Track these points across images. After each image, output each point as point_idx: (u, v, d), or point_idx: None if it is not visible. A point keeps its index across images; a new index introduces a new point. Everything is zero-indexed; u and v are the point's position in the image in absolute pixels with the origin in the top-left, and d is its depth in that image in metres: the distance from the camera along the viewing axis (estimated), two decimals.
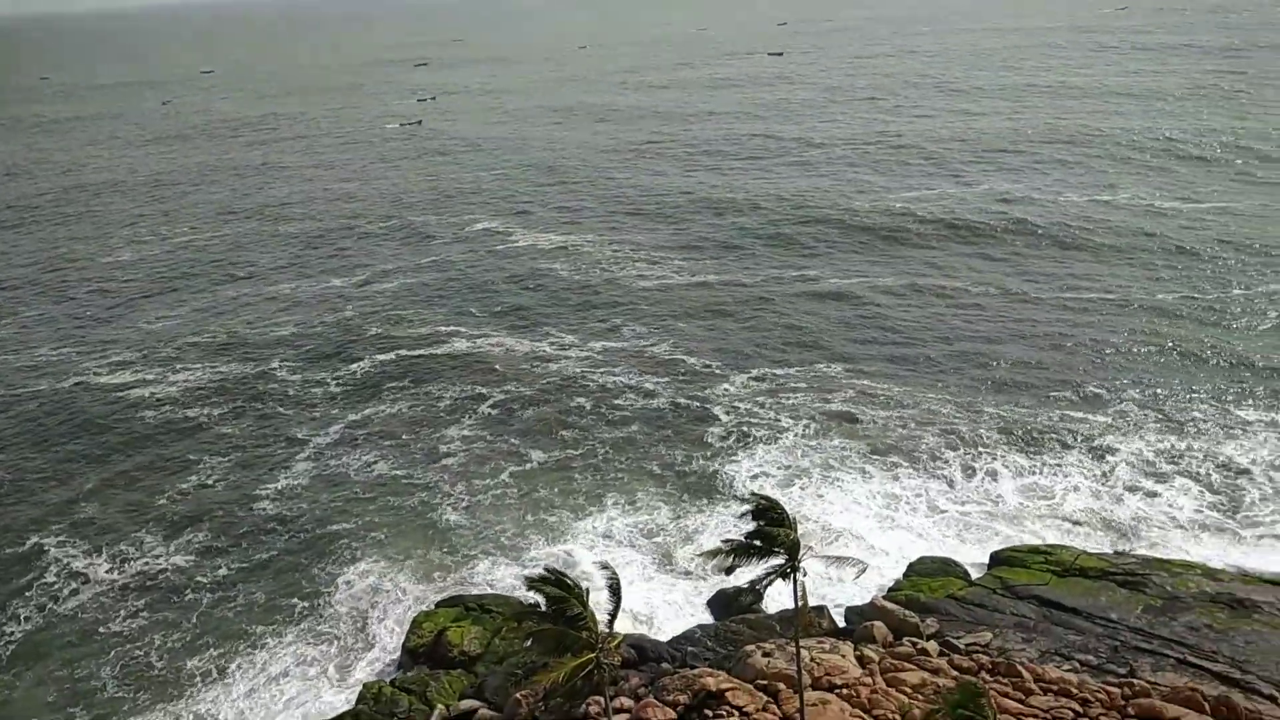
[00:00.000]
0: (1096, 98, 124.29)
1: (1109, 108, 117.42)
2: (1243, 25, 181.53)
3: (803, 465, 47.07)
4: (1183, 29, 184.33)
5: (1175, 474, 43.54)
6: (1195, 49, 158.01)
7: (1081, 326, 59.06)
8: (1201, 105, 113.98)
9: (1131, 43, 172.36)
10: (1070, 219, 77.77)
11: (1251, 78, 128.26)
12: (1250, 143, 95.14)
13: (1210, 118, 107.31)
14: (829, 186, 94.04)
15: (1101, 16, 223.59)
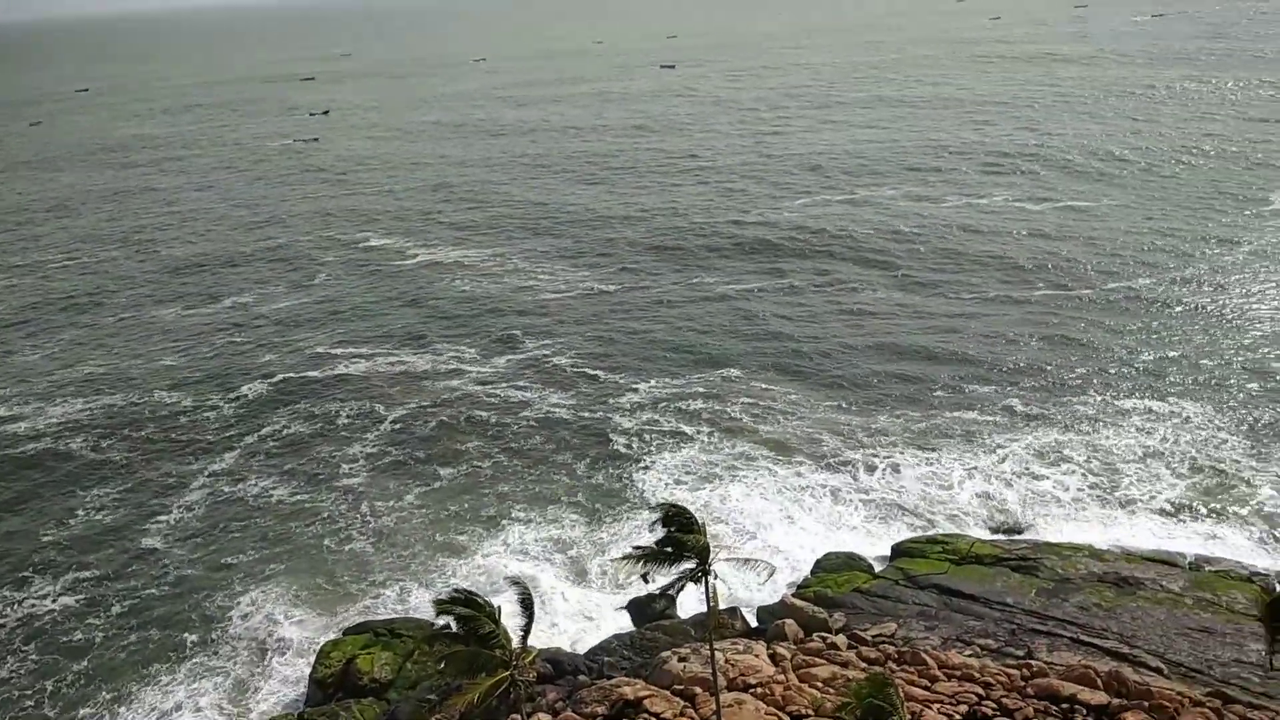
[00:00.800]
0: (971, 108, 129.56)
1: (981, 118, 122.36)
2: (1097, 36, 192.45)
3: (709, 470, 47.69)
4: (1047, 40, 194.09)
5: (1060, 462, 45.74)
6: (1057, 59, 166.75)
7: (966, 327, 61.46)
8: (1063, 113, 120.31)
9: (1001, 53, 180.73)
10: (948, 225, 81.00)
11: (1104, 85, 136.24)
12: (1108, 147, 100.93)
13: (1070, 125, 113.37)
14: (718, 198, 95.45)
15: (979, 28, 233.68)
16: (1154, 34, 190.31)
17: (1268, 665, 31.19)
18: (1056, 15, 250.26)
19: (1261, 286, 63.21)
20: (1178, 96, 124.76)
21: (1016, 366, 55.50)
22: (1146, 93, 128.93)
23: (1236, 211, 78.29)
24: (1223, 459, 44.88)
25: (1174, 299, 62.38)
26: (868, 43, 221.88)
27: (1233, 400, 49.88)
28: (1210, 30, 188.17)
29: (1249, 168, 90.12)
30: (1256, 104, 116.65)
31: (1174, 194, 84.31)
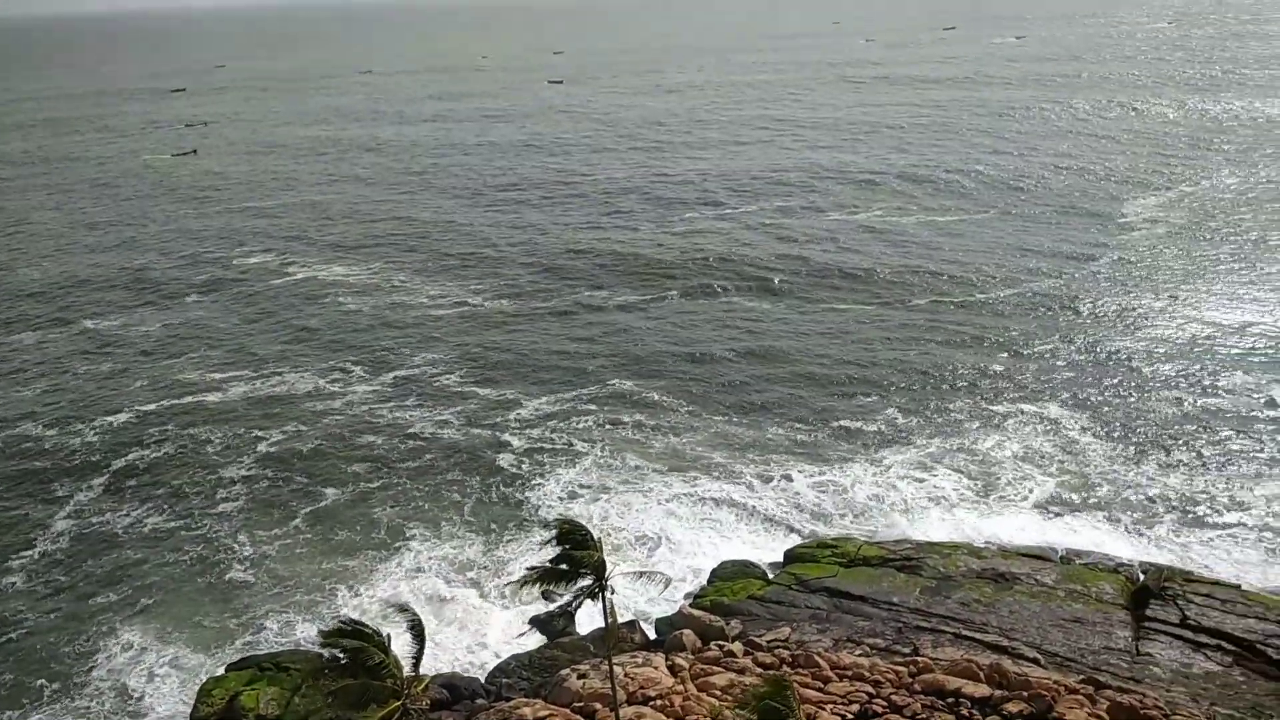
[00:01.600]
0: (846, 128, 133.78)
1: (855, 138, 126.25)
2: (964, 58, 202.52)
3: (602, 484, 47.69)
4: (917, 61, 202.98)
5: (940, 467, 47.60)
6: (927, 81, 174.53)
7: (845, 340, 63.36)
8: (932, 133, 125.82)
9: (874, 74, 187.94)
10: (825, 242, 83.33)
11: (970, 105, 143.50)
12: (973, 165, 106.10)
13: (938, 145, 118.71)
14: (603, 217, 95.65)
15: (855, 49, 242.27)
16: (1015, 56, 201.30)
17: (1134, 651, 33.16)
18: (926, 37, 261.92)
19: (1116, 295, 67.41)
20: (1035, 116, 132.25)
21: (895, 377, 57.48)
22: (1007, 113, 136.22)
23: (1092, 225, 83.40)
24: (1087, 458, 47.58)
25: (1037, 308, 65.85)
26: (750, 63, 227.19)
27: (1093, 402, 52.97)
28: (1065, 53, 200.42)
29: (1099, 183, 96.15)
30: (1105, 123, 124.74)
31: (1034, 209, 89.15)
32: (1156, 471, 46.13)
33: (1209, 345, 58.61)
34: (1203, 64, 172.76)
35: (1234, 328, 60.67)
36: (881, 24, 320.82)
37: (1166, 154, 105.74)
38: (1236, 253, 74.11)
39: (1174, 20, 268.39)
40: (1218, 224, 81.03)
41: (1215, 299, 65.50)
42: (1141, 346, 59.11)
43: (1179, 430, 49.66)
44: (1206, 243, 76.90)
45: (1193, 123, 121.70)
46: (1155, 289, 67.91)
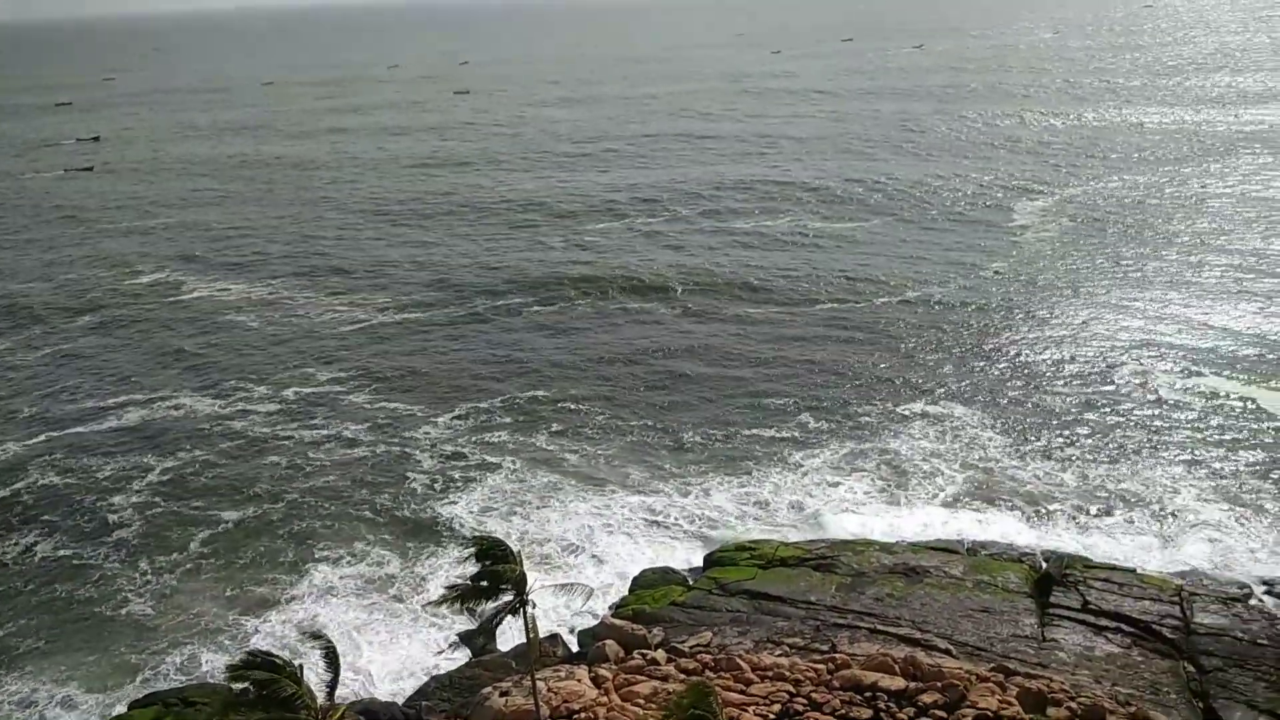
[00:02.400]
0: (749, 140, 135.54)
1: (757, 151, 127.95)
2: (862, 71, 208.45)
3: (519, 499, 47.28)
4: (818, 74, 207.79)
5: (852, 467, 48.70)
6: (825, 93, 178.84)
7: (753, 349, 64.13)
8: (832, 145, 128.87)
9: (777, 87, 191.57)
10: (730, 253, 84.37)
11: (867, 118, 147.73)
12: (871, 175, 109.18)
13: (838, 156, 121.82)
14: (511, 231, 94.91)
15: (761, 61, 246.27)
16: (910, 69, 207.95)
17: (1040, 637, 34.46)
18: (827, 49, 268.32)
19: (1010, 297, 70.14)
20: (930, 127, 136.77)
21: (804, 382, 58.52)
22: (904, 123, 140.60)
23: (985, 230, 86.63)
24: (990, 454, 49.30)
25: (937, 312, 68.01)
26: (657, 75, 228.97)
27: (993, 401, 54.96)
28: (958, 65, 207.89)
29: (991, 190, 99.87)
30: (995, 132, 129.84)
31: (931, 216, 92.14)
32: (1055, 464, 48.08)
33: (1098, 342, 61.44)
34: (1082, 74, 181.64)
35: (1120, 324, 63.77)
36: (784, 36, 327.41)
37: (1051, 161, 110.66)
38: (1119, 252, 77.97)
39: (1056, 32, 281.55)
40: (1101, 226, 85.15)
41: (1101, 297, 68.73)
42: (1035, 345, 61.60)
43: (1074, 425, 51.88)
44: (1091, 244, 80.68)
45: (1074, 131, 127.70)
46: (1046, 290, 70.91)
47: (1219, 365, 57.13)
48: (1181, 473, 46.57)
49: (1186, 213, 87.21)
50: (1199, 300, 66.84)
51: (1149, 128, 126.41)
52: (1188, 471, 46.64)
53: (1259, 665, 32.01)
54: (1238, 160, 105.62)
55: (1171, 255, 76.40)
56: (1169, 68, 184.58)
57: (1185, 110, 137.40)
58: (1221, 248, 77.31)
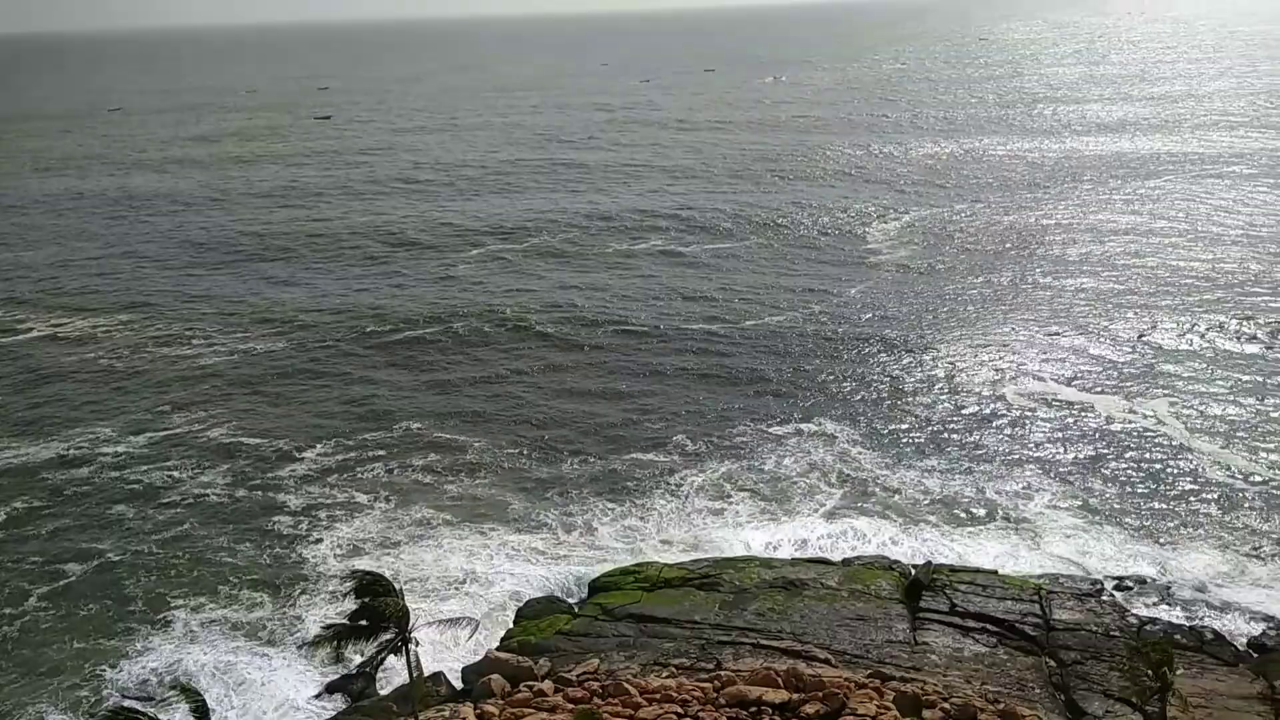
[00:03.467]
0: (616, 170, 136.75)
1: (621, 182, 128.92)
2: (727, 101, 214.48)
3: (392, 536, 45.93)
4: (688, 105, 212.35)
5: (731, 488, 49.63)
6: (694, 125, 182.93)
7: (629, 375, 64.71)
8: (692, 177, 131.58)
9: (643, 118, 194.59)
10: (599, 280, 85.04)
11: (730, 147, 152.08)
12: (736, 204, 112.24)
13: (703, 186, 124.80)
14: (370, 265, 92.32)
15: (629, 90, 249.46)
16: (767, 99, 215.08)
17: (912, 641, 35.84)
18: (690, 80, 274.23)
19: (868, 315, 73.28)
20: (785, 157, 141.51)
21: (679, 408, 59.34)
22: (761, 153, 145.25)
23: (844, 253, 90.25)
24: (862, 467, 51.20)
25: (804, 334, 70.22)
26: (523, 103, 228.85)
27: (863, 416, 57.15)
28: (811, 96, 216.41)
29: (847, 215, 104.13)
30: (845, 161, 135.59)
31: (793, 242, 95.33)
32: (922, 474, 50.33)
33: (953, 357, 64.79)
34: (925, 105, 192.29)
35: (972, 339, 67.47)
36: (650, 66, 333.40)
37: (898, 187, 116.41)
38: (967, 272, 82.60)
39: (904, 63, 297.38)
40: (947, 247, 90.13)
41: (954, 315, 72.61)
42: (896, 362, 64.46)
43: (937, 436, 54.49)
44: (941, 264, 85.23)
45: (918, 159, 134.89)
46: (903, 309, 74.43)
47: (1062, 376, 61.13)
48: (1035, 478, 49.52)
49: (1026, 234, 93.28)
50: (1043, 315, 71.45)
51: (988, 156, 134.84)
52: (1040, 477, 49.62)
53: (1112, 656, 34.19)
54: (1068, 185, 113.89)
55: (1014, 273, 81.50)
56: (1003, 99, 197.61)
57: (1019, 139, 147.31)
58: (1060, 266, 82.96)
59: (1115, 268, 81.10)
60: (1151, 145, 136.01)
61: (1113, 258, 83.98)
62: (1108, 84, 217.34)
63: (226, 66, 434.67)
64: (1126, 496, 47.39)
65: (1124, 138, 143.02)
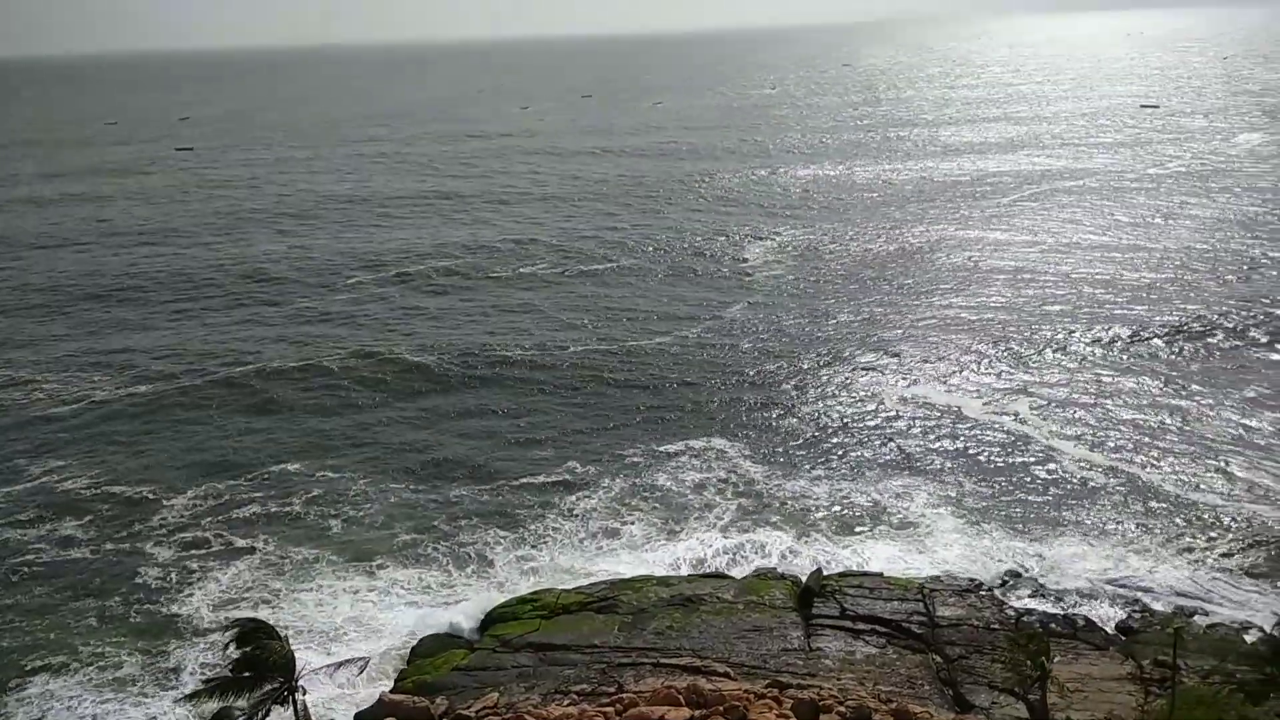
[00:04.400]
0: (494, 198, 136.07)
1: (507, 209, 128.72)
2: (603, 128, 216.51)
3: (273, 583, 43.82)
4: (566, 131, 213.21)
5: (625, 508, 49.63)
6: (573, 152, 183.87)
7: (515, 397, 64.28)
8: (571, 204, 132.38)
9: (519, 146, 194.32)
10: (479, 315, 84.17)
11: (600, 177, 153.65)
12: (612, 233, 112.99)
13: (581, 214, 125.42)
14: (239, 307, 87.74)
15: (511, 117, 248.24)
16: (645, 126, 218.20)
17: (807, 648, 36.54)
18: (568, 106, 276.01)
19: (751, 332, 74.91)
20: (662, 181, 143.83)
21: (567, 430, 59.14)
22: (638, 178, 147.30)
23: (721, 274, 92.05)
24: (753, 479, 52.09)
25: (688, 352, 71.28)
26: (397, 131, 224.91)
27: (751, 430, 58.19)
28: (689, 123, 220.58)
29: (723, 237, 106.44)
30: (720, 184, 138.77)
31: (671, 265, 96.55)
32: (810, 483, 51.54)
33: (833, 368, 66.83)
34: (795, 130, 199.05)
35: (849, 350, 69.76)
36: (527, 92, 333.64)
37: (774, 210, 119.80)
38: (841, 286, 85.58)
39: (773, 90, 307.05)
40: (821, 263, 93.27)
41: (830, 327, 74.99)
42: (779, 375, 66.02)
43: (822, 445, 55.95)
44: (815, 279, 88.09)
45: (790, 181, 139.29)
46: (782, 323, 76.46)
47: (934, 382, 63.81)
48: (915, 481, 51.34)
49: (892, 251, 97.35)
50: (912, 326, 74.51)
51: (854, 178, 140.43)
52: (920, 479, 51.48)
53: (994, 648, 35.65)
54: (928, 204, 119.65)
55: (883, 288, 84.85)
56: (869, 123, 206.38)
57: (882, 161, 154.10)
58: (925, 280, 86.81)
59: (976, 281, 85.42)
60: (1002, 164, 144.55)
61: (974, 271, 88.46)
62: (961, 106, 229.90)
63: (87, 98, 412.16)
64: (998, 494, 49.69)
65: (977, 158, 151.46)
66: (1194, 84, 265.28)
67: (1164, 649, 34.44)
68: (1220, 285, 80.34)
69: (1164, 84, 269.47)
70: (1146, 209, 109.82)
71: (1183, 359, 65.02)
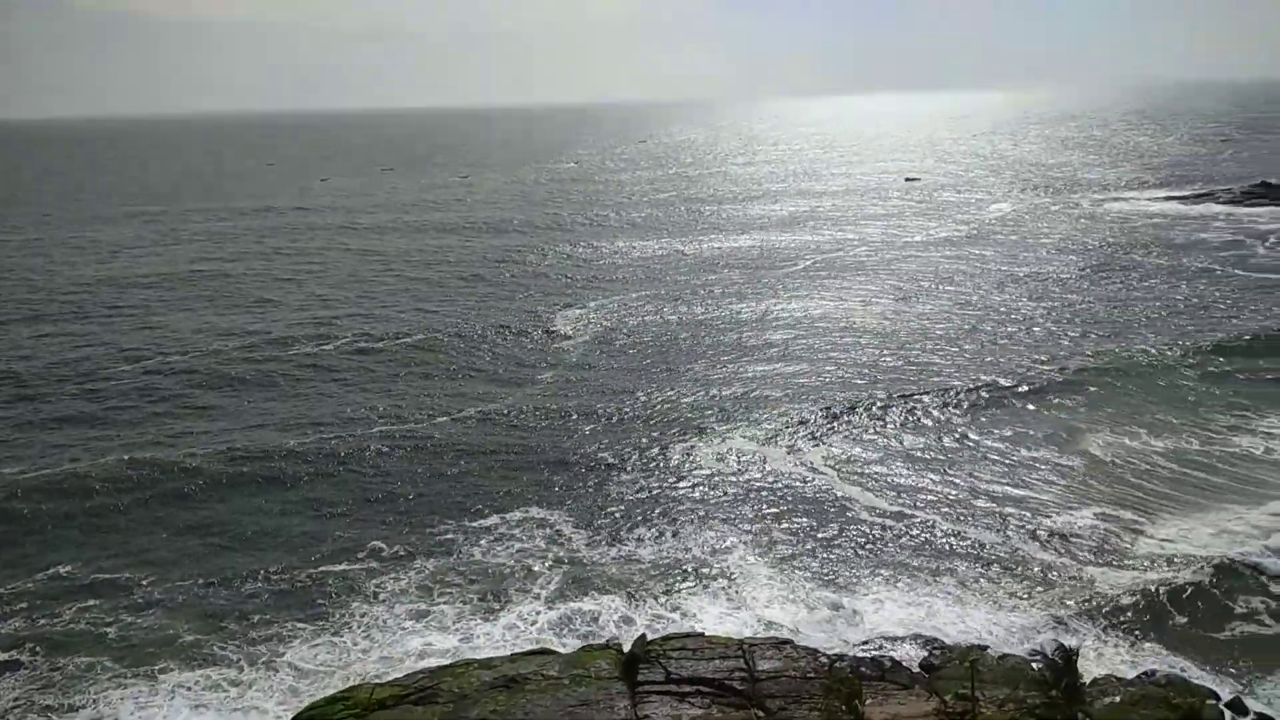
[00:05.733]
0: (280, 280, 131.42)
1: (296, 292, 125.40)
2: (412, 203, 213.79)
3: (41, 698, 38.92)
4: (365, 206, 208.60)
5: (440, 587, 47.60)
6: (375, 228, 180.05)
7: (308, 482, 60.80)
8: (368, 285, 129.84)
9: (314, 223, 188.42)
10: (265, 396, 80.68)
11: (405, 251, 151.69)
12: (410, 313, 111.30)
13: (381, 293, 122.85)
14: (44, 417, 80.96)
15: (299, 190, 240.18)
16: (451, 201, 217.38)
17: (634, 718, 36.12)
18: (373, 181, 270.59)
19: (561, 398, 75.04)
20: (470, 255, 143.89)
21: (368, 511, 56.37)
22: (442, 255, 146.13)
23: (530, 344, 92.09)
24: (575, 547, 51.47)
25: (498, 423, 70.21)
26: (178, 211, 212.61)
27: (568, 497, 57.72)
28: (492, 197, 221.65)
29: (528, 307, 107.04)
30: (531, 260, 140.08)
31: (479, 337, 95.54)
32: (633, 547, 51.44)
33: (633, 429, 67.75)
34: (600, 206, 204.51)
35: (656, 410, 71.14)
36: (321, 165, 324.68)
37: (580, 282, 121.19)
38: (649, 353, 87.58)
39: (576, 163, 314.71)
40: (629, 333, 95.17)
41: (637, 390, 76.25)
42: (591, 440, 66.22)
43: (640, 507, 56.14)
44: (623, 349, 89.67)
45: (597, 255, 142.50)
46: (592, 390, 77.13)
47: (742, 439, 65.93)
48: (731, 536, 52.33)
49: (698, 317, 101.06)
50: (720, 386, 77.09)
51: (657, 250, 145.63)
52: (735, 534, 52.57)
53: (810, 697, 36.60)
54: (729, 272, 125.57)
55: (690, 352, 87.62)
56: (665, 197, 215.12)
57: (682, 235, 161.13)
58: (727, 343, 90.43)
59: (772, 345, 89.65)
60: (789, 236, 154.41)
61: (769, 336, 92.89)
62: (749, 183, 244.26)
63: None
64: (807, 545, 51.55)
65: (765, 232, 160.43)
66: (951, 158, 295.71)
67: (963, 682, 36.65)
68: (989, 341, 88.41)
69: (925, 159, 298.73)
70: (917, 274, 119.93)
71: (960, 412, 70.56)
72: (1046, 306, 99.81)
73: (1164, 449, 62.41)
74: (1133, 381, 75.06)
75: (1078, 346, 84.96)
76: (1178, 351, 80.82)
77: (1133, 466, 60.05)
